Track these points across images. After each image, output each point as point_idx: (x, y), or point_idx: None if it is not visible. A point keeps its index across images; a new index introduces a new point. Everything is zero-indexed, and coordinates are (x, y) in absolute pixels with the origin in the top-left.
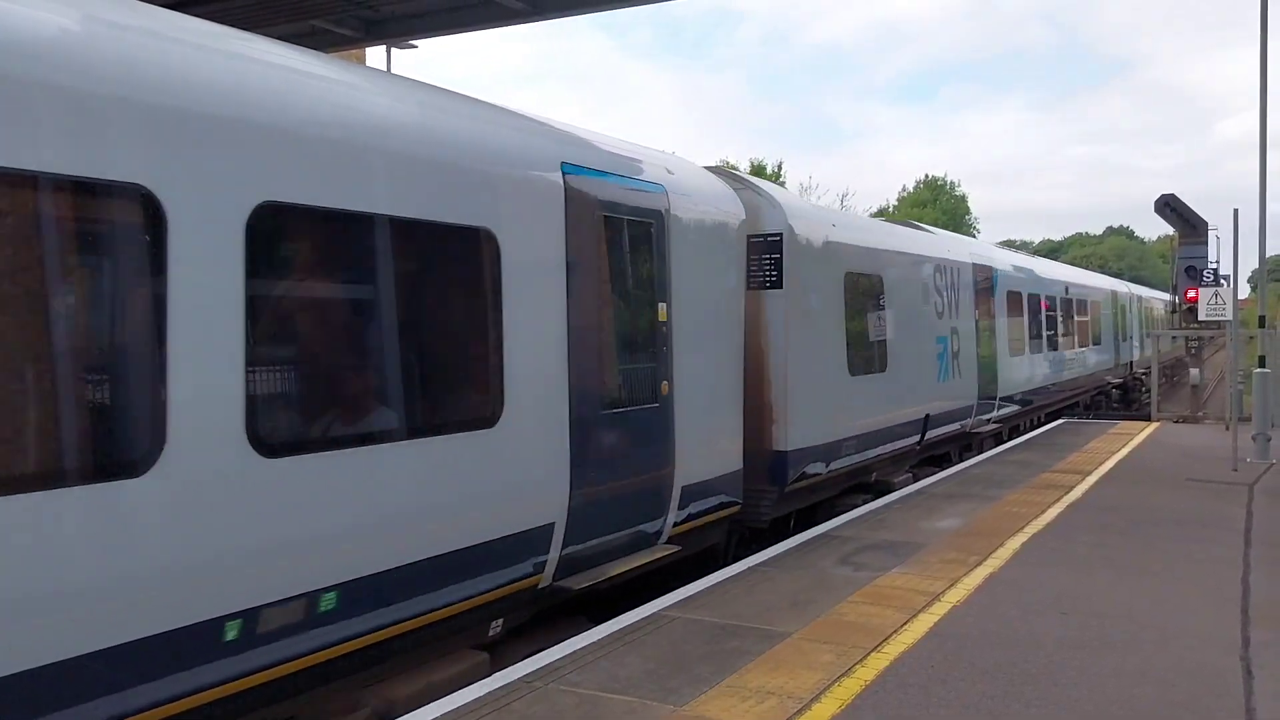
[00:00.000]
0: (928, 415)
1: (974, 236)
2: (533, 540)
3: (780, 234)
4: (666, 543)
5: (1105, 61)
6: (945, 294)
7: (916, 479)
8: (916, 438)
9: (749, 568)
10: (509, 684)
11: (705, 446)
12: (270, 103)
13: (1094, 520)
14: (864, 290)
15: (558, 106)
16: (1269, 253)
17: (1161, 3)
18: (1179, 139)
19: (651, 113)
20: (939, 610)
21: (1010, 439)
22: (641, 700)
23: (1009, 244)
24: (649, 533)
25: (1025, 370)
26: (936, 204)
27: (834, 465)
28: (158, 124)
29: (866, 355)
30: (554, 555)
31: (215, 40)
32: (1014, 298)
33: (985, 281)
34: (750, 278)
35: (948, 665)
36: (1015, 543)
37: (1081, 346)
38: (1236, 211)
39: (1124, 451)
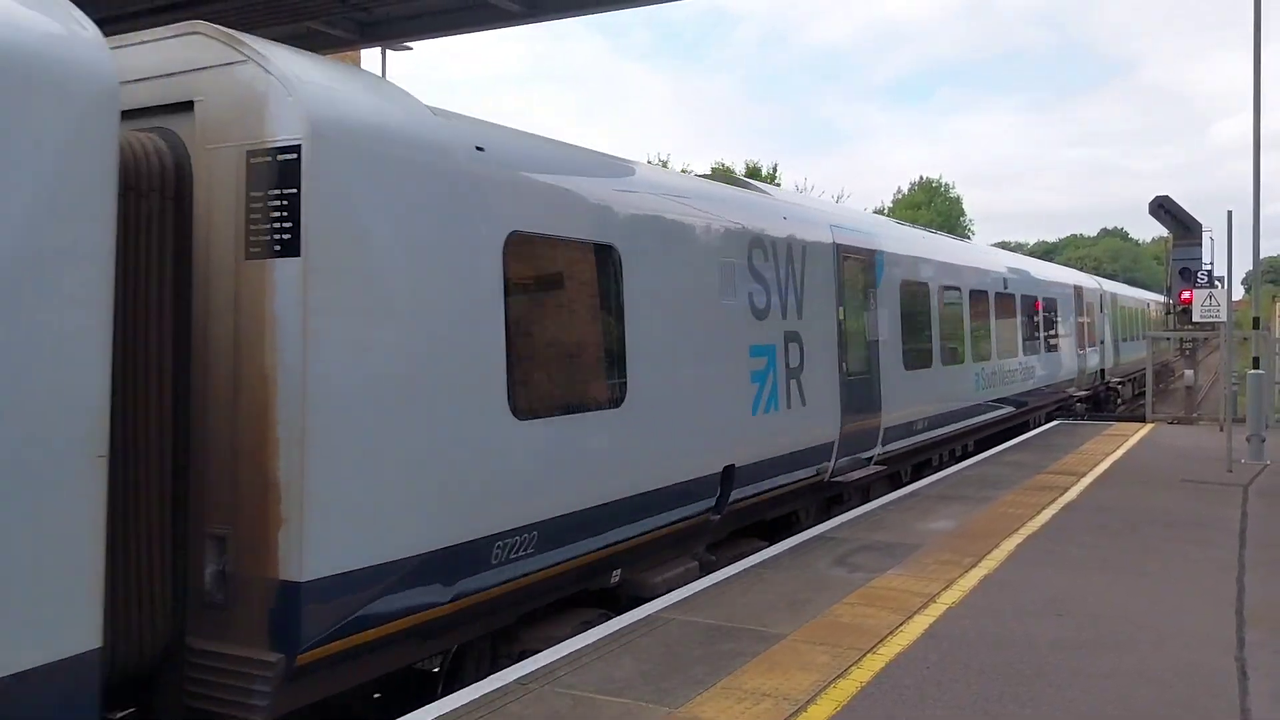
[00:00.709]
0: (731, 467)
1: (968, 238)
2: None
3: (297, 144)
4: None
5: (1103, 63)
6: (775, 284)
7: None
8: (704, 504)
9: (745, 569)
10: (504, 686)
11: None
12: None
13: (1089, 521)
14: (564, 268)
15: (551, 108)
16: (1263, 254)
17: (1160, 4)
18: (1176, 140)
19: (647, 115)
20: (934, 611)
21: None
22: (636, 702)
23: (1003, 245)
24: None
25: (930, 390)
26: (931, 205)
27: (464, 588)
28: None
29: (560, 380)
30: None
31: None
32: (913, 291)
33: (860, 268)
34: (250, 238)
35: (943, 666)
36: (1010, 544)
37: (1030, 354)
38: (1230, 213)
39: (1119, 453)
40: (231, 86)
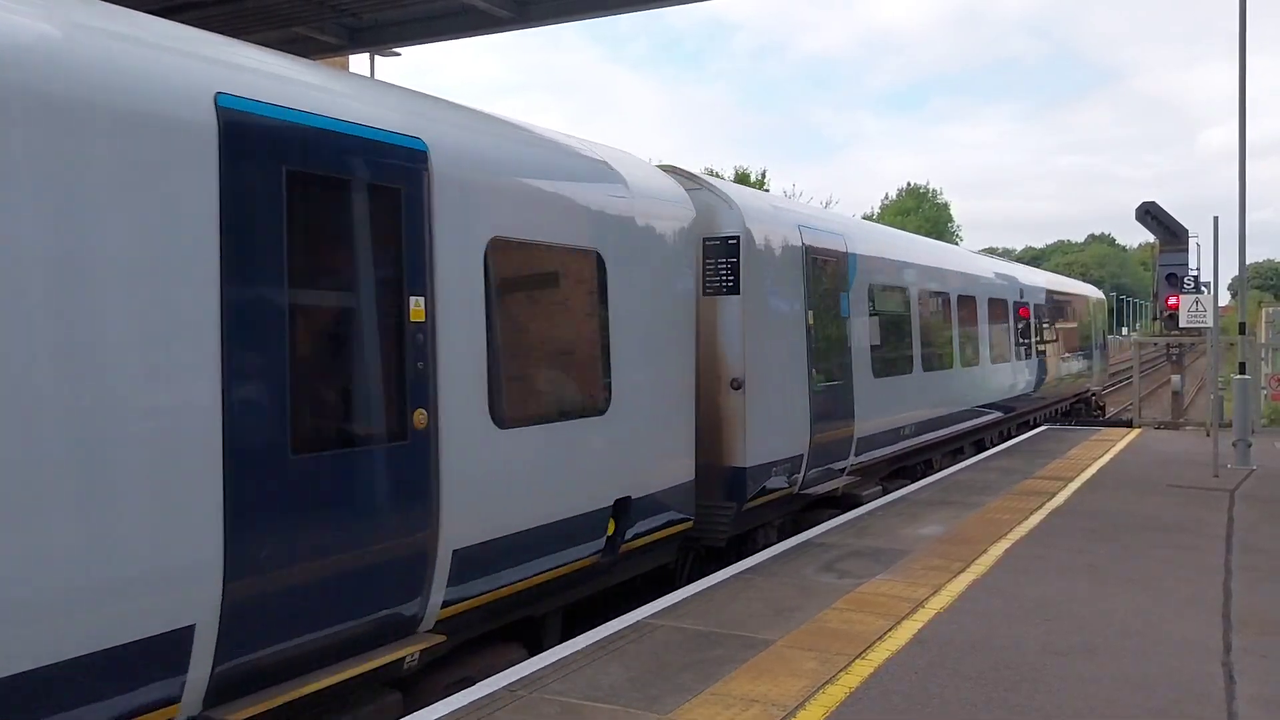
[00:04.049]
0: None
1: (956, 244)
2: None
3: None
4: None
5: (1093, 71)
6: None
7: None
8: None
9: (732, 575)
10: (492, 693)
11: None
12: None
13: (1076, 526)
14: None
15: (545, 115)
16: (1249, 260)
17: (1150, 13)
18: (1165, 148)
19: (640, 122)
20: (923, 617)
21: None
22: (625, 709)
23: (990, 251)
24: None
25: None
26: (919, 212)
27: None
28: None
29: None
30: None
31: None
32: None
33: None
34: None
35: (932, 672)
36: (998, 549)
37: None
38: (1216, 219)
39: (1106, 458)
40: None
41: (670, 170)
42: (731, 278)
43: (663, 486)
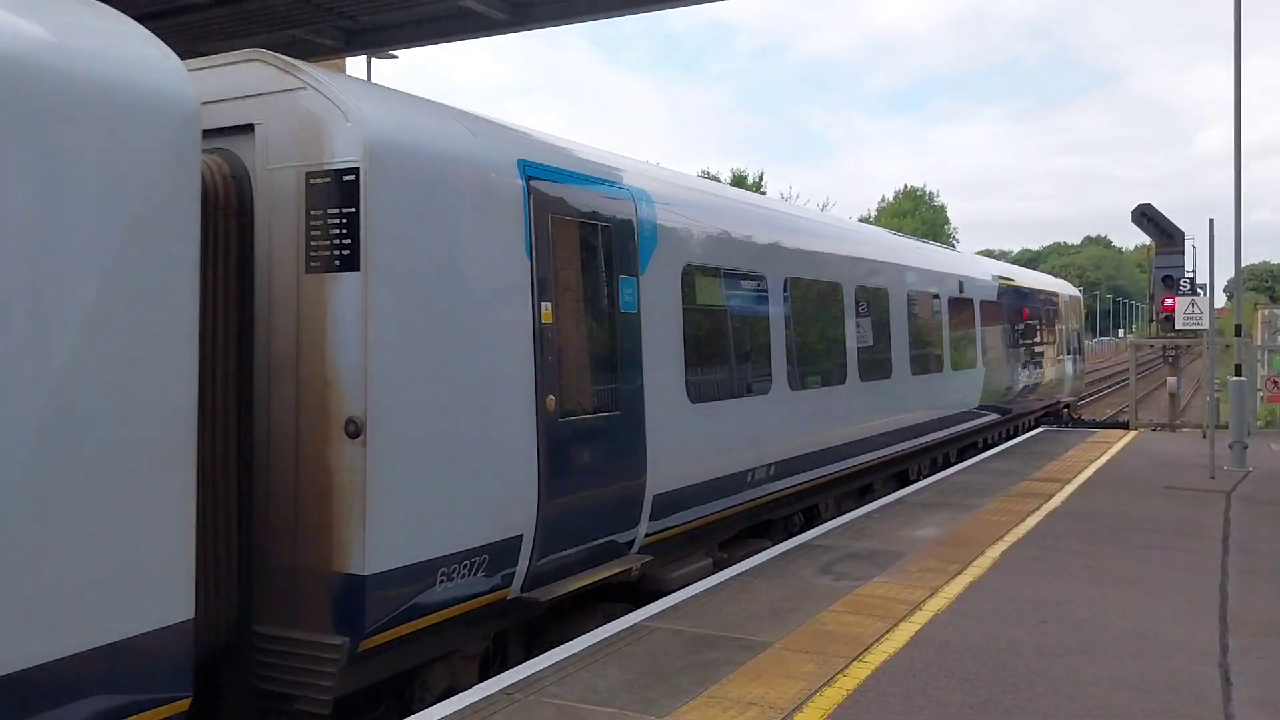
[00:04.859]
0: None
1: (953, 246)
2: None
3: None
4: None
5: (1091, 73)
6: None
7: None
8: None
9: (730, 577)
10: (489, 696)
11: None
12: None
13: (1073, 528)
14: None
15: (545, 117)
16: (1245, 262)
17: (1150, 16)
18: (1162, 150)
19: (639, 124)
20: (920, 619)
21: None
22: (622, 711)
23: (987, 253)
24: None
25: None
26: (916, 214)
27: None
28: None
29: None
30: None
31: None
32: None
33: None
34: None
35: (929, 674)
36: (995, 551)
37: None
38: (1212, 221)
39: (1103, 460)
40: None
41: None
42: (347, 241)
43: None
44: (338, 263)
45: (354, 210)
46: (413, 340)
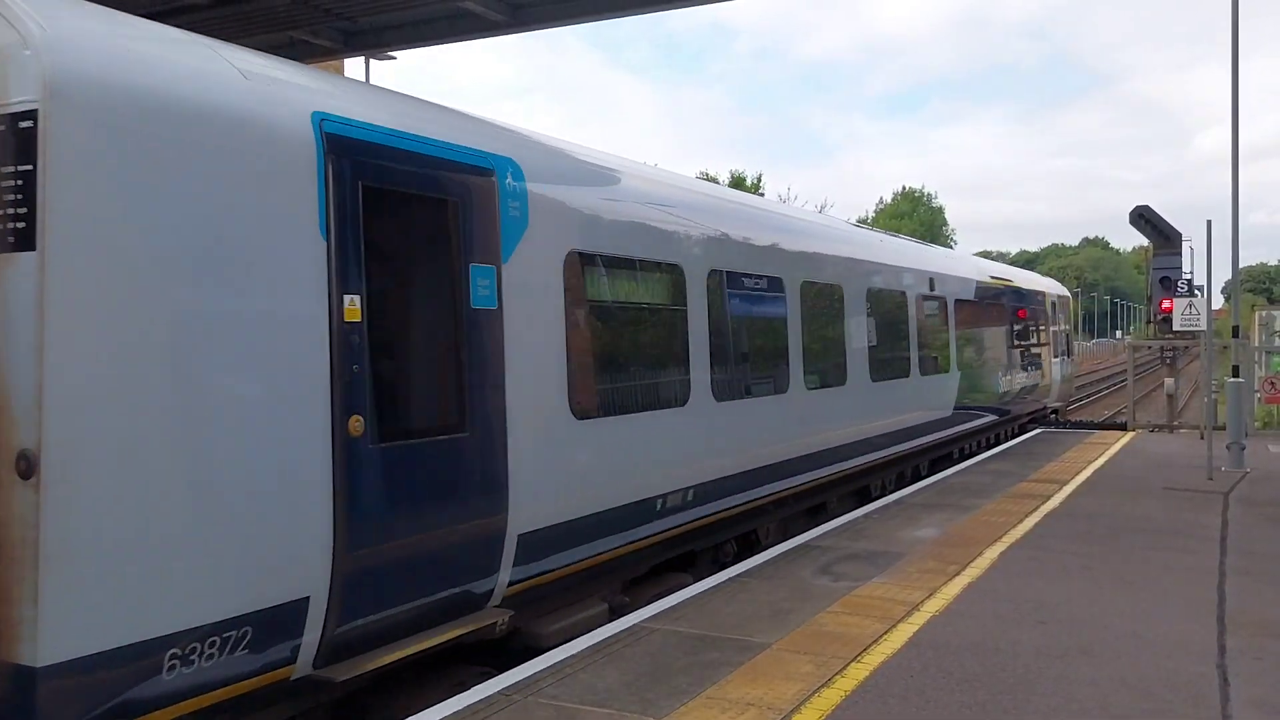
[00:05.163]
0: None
1: (950, 247)
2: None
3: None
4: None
5: (1090, 75)
6: None
7: None
8: None
9: (728, 578)
10: (488, 697)
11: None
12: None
13: (1071, 529)
14: None
15: (545, 118)
16: (1242, 263)
17: (1150, 16)
18: (1160, 151)
19: (638, 125)
20: (918, 620)
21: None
22: (621, 712)
23: (986, 254)
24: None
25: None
26: (914, 215)
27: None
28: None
29: None
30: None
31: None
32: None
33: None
34: None
35: (927, 675)
36: (993, 552)
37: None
38: (1210, 223)
39: (1101, 461)
40: None
41: None
42: (22, 210)
43: None
44: (11, 239)
45: (30, 168)
46: (120, 345)
